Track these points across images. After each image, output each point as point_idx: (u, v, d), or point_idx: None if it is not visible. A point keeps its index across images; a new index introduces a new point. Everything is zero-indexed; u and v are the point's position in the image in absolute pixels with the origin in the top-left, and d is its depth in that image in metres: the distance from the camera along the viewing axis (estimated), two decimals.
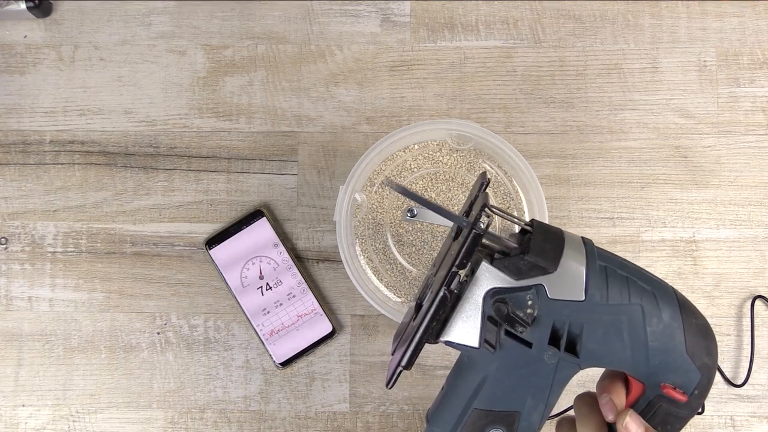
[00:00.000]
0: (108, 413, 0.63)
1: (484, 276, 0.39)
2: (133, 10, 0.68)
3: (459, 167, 0.61)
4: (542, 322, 0.39)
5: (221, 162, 0.66)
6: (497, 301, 0.38)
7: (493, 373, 0.40)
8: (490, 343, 0.39)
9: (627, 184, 0.65)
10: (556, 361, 0.39)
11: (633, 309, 0.38)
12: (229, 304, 0.64)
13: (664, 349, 0.39)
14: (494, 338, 0.39)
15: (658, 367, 0.39)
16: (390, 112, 0.66)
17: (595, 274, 0.39)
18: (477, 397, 0.40)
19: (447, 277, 0.39)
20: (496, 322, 0.39)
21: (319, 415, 0.63)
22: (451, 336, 0.40)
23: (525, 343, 0.39)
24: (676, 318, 0.39)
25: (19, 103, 0.67)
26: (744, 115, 0.66)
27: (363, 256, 0.61)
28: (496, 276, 0.39)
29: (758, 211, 0.65)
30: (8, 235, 0.65)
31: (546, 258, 0.38)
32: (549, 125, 0.66)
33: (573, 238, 0.40)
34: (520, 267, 0.39)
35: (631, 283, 0.39)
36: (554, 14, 0.67)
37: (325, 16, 0.68)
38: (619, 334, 0.39)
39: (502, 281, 0.39)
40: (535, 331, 0.39)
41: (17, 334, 0.64)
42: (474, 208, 0.42)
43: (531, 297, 0.38)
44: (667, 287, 0.40)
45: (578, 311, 0.38)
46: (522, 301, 0.39)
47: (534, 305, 0.38)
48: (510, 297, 0.39)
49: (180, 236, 0.65)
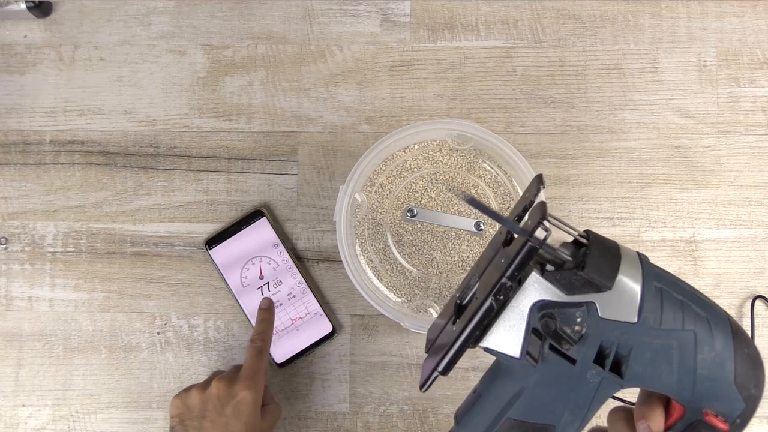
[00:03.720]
0: (108, 413, 0.63)
1: (532, 287, 0.37)
2: (133, 10, 0.68)
3: (459, 167, 0.61)
4: (590, 341, 0.37)
5: (221, 162, 0.66)
6: (545, 316, 0.37)
7: (531, 385, 0.39)
8: (532, 356, 0.38)
9: (627, 184, 0.65)
10: (599, 380, 0.38)
11: (685, 335, 0.37)
12: (229, 304, 0.64)
13: (712, 378, 0.37)
14: (537, 351, 0.37)
15: (703, 394, 0.38)
16: (390, 112, 0.66)
17: (650, 297, 0.37)
18: (512, 407, 0.39)
19: (495, 287, 0.37)
20: (540, 336, 0.37)
21: (319, 415, 0.63)
22: (492, 343, 0.38)
23: (569, 359, 0.37)
24: (728, 347, 0.37)
25: (19, 103, 0.67)
26: (744, 115, 0.66)
27: (363, 256, 0.61)
28: (546, 288, 0.37)
29: (758, 211, 0.65)
30: (8, 235, 0.65)
31: (601, 275, 0.36)
32: (549, 125, 0.66)
33: (629, 255, 0.38)
34: (573, 282, 0.37)
35: (686, 308, 0.37)
36: (554, 14, 0.67)
37: (325, 16, 0.68)
38: (668, 359, 0.37)
39: (551, 294, 0.37)
40: (581, 349, 0.37)
41: (17, 334, 0.64)
42: (530, 216, 0.39)
43: (581, 314, 0.37)
44: (721, 313, 0.39)
45: (629, 333, 0.37)
46: (571, 318, 0.37)
47: (583, 323, 0.37)
48: (558, 312, 0.37)
49: (180, 236, 0.65)
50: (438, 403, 0.63)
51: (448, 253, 0.60)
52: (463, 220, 0.60)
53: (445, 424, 0.63)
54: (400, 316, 0.57)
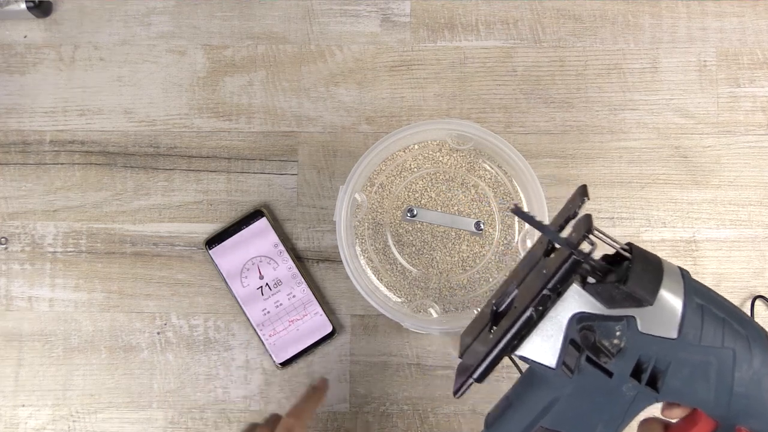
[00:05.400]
0: (108, 413, 0.63)
1: (572, 298, 0.37)
2: (133, 10, 0.68)
3: (459, 167, 0.61)
4: (628, 355, 0.37)
5: (221, 162, 0.66)
6: (585, 328, 0.37)
7: (566, 395, 0.38)
8: (569, 367, 0.37)
9: (627, 184, 0.65)
10: (635, 394, 0.38)
11: (725, 353, 0.37)
12: (229, 304, 0.64)
13: (749, 396, 0.37)
14: (574, 362, 0.37)
15: (738, 411, 0.37)
16: (390, 112, 0.66)
17: (691, 313, 0.36)
18: (545, 416, 0.39)
19: (536, 298, 0.37)
20: (578, 347, 0.37)
21: (319, 415, 0.63)
22: (528, 352, 0.38)
23: (606, 372, 0.37)
24: (766, 365, 0.37)
25: (19, 103, 0.67)
26: (744, 115, 0.66)
27: (363, 256, 0.61)
28: (586, 301, 0.37)
29: (758, 211, 0.65)
30: (8, 235, 0.65)
31: (644, 290, 0.36)
32: (549, 125, 0.66)
33: (671, 269, 0.38)
34: (614, 296, 0.36)
35: (726, 326, 0.37)
36: (554, 14, 0.67)
37: (325, 16, 0.68)
38: (706, 375, 0.37)
39: (591, 307, 0.37)
40: (619, 363, 0.37)
41: (17, 334, 0.64)
42: (575, 229, 0.39)
43: (620, 328, 0.37)
44: (760, 331, 0.38)
45: (668, 349, 0.37)
46: (610, 331, 0.37)
47: (622, 337, 0.37)
48: (598, 325, 0.37)
49: (180, 236, 0.65)
50: (438, 403, 0.63)
51: (448, 253, 0.60)
52: (463, 220, 0.60)
53: (445, 424, 0.63)
54: (400, 316, 0.57)
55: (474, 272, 0.60)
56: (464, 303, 0.59)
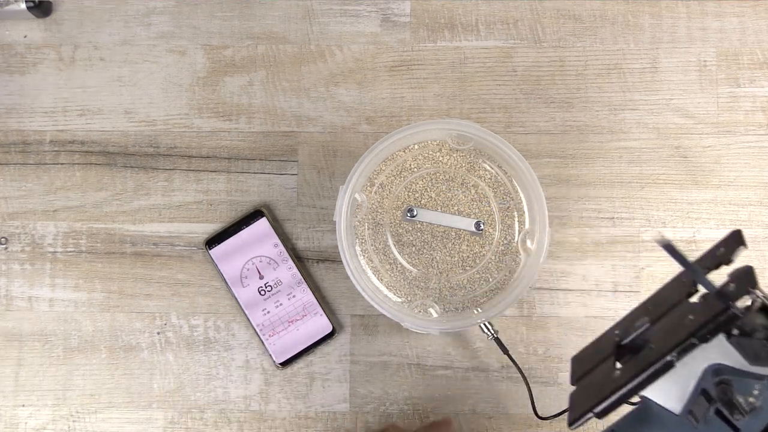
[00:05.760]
0: (108, 413, 0.63)
1: (713, 348, 0.36)
2: (133, 10, 0.68)
3: (459, 167, 0.61)
4: (762, 416, 0.35)
5: (221, 162, 0.66)
6: (723, 382, 0.35)
7: None
8: (695, 416, 0.36)
9: (627, 184, 0.65)
10: None
11: None
12: (229, 304, 0.64)
13: None
14: (701, 412, 0.36)
15: None
16: (390, 112, 0.66)
17: None
18: None
19: (681, 345, 0.35)
20: (709, 398, 0.36)
21: (319, 415, 0.63)
22: (654, 394, 0.37)
23: (734, 428, 0.36)
24: None
25: (19, 103, 0.67)
26: (744, 115, 0.66)
27: (363, 256, 0.61)
28: (727, 353, 0.36)
29: (758, 211, 0.65)
30: (8, 235, 0.65)
31: None
32: (549, 125, 0.66)
33: None
34: (760, 353, 0.35)
35: None
36: (554, 14, 0.67)
37: (325, 16, 0.68)
38: None
39: (733, 361, 0.36)
40: (750, 422, 0.35)
41: (17, 334, 0.64)
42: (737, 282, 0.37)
43: (760, 387, 0.35)
44: None
45: None
46: (747, 388, 0.35)
47: (760, 396, 0.35)
48: (736, 380, 0.35)
49: (180, 236, 0.65)
50: (438, 403, 0.63)
51: (448, 253, 0.60)
52: (463, 220, 0.60)
53: None
54: (400, 316, 0.57)
55: (474, 272, 0.60)
56: (464, 303, 0.59)
